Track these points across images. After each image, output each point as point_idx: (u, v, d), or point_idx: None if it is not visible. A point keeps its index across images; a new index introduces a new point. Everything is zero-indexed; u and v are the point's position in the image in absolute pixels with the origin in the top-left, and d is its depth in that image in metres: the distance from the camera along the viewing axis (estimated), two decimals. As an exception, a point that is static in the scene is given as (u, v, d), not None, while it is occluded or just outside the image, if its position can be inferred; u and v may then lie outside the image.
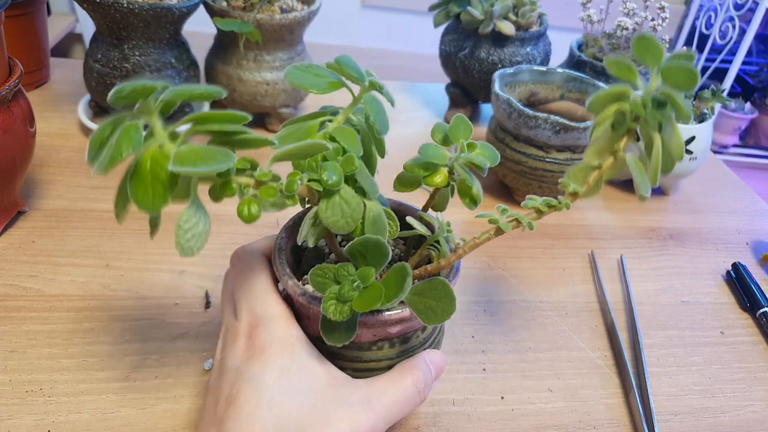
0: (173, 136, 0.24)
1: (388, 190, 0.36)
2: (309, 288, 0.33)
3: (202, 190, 0.26)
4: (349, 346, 0.34)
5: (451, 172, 0.34)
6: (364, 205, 0.31)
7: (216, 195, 0.27)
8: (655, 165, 0.30)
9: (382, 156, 0.35)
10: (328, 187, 0.28)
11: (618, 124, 0.31)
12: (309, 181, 0.28)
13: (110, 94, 0.23)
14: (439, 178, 0.33)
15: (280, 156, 0.27)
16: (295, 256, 0.39)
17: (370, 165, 0.34)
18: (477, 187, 0.34)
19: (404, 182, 0.35)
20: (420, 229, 0.35)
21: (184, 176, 0.25)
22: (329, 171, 0.28)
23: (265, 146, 0.27)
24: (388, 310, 0.32)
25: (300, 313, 0.36)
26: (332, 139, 0.30)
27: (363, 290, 0.29)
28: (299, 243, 0.33)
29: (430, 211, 0.37)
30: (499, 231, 0.32)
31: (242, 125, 0.26)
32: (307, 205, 0.32)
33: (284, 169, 0.28)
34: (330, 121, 0.32)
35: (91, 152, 0.24)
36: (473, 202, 0.34)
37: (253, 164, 0.27)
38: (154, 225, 0.27)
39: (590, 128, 0.32)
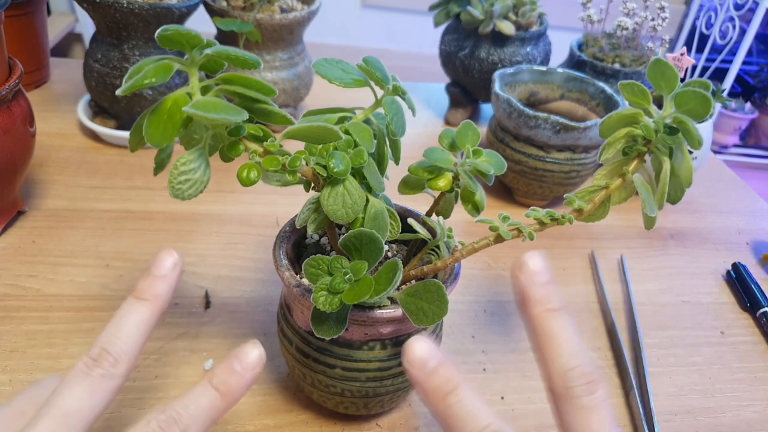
0: (206, 90, 0.26)
1: (394, 197, 0.36)
2: (305, 281, 0.33)
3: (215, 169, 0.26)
4: (340, 344, 0.35)
5: (456, 177, 0.34)
6: (367, 200, 0.31)
7: (224, 154, 0.28)
8: (662, 189, 0.30)
9: (397, 161, 0.35)
10: (333, 174, 0.29)
11: (628, 149, 0.31)
12: (315, 164, 0.29)
13: (157, 32, 0.24)
14: (443, 182, 0.33)
15: (291, 132, 0.28)
16: (297, 252, 0.39)
17: (381, 166, 0.34)
18: (480, 194, 0.34)
19: (409, 184, 0.35)
20: (421, 232, 0.35)
21: (198, 126, 0.26)
22: (336, 159, 0.29)
23: (283, 123, 0.28)
24: (380, 308, 0.32)
25: (293, 308, 0.36)
26: (347, 133, 0.31)
27: (354, 283, 0.29)
28: (298, 226, 0.34)
29: (433, 216, 0.37)
30: (499, 238, 0.32)
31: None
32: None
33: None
34: (350, 118, 0.32)
35: (127, 80, 0.25)
36: (476, 209, 0.34)
37: (266, 133, 0.28)
38: (159, 164, 0.29)
39: (591, 128, 0.32)
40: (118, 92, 0.25)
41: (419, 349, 0.26)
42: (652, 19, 0.73)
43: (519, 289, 0.28)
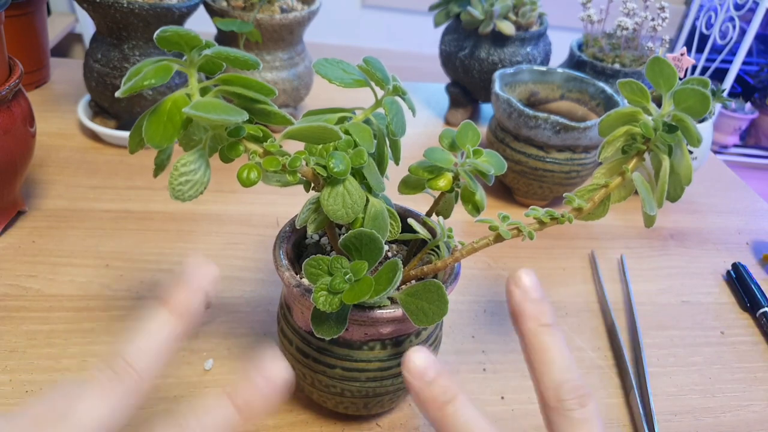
0: (205, 91, 0.26)
1: (394, 197, 0.36)
2: (305, 281, 0.33)
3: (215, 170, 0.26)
4: (339, 344, 0.35)
5: (456, 177, 0.34)
6: (367, 200, 0.31)
7: (224, 155, 0.28)
8: (661, 187, 0.30)
9: (397, 161, 0.35)
10: (333, 174, 0.29)
11: (628, 147, 0.31)
12: (315, 164, 0.29)
13: (156, 33, 0.24)
14: (443, 182, 0.33)
15: (291, 132, 0.28)
16: (297, 252, 0.39)
17: (381, 166, 0.34)
18: (480, 194, 0.34)
19: (409, 184, 0.35)
20: (421, 232, 0.35)
21: (197, 127, 0.26)
22: (336, 159, 0.29)
23: (283, 124, 0.28)
24: (380, 308, 0.32)
25: (293, 308, 0.36)
26: (347, 133, 0.31)
27: (354, 283, 0.29)
28: (298, 226, 0.34)
29: (433, 216, 0.37)
30: (498, 238, 0.32)
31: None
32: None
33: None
34: (350, 118, 0.32)
35: (126, 81, 0.25)
36: (476, 209, 0.34)
37: (265, 134, 0.28)
38: (159, 165, 0.28)
39: (591, 128, 0.32)
40: (117, 94, 0.25)
41: (418, 359, 0.27)
42: (652, 19, 0.73)
43: (513, 304, 0.29)
